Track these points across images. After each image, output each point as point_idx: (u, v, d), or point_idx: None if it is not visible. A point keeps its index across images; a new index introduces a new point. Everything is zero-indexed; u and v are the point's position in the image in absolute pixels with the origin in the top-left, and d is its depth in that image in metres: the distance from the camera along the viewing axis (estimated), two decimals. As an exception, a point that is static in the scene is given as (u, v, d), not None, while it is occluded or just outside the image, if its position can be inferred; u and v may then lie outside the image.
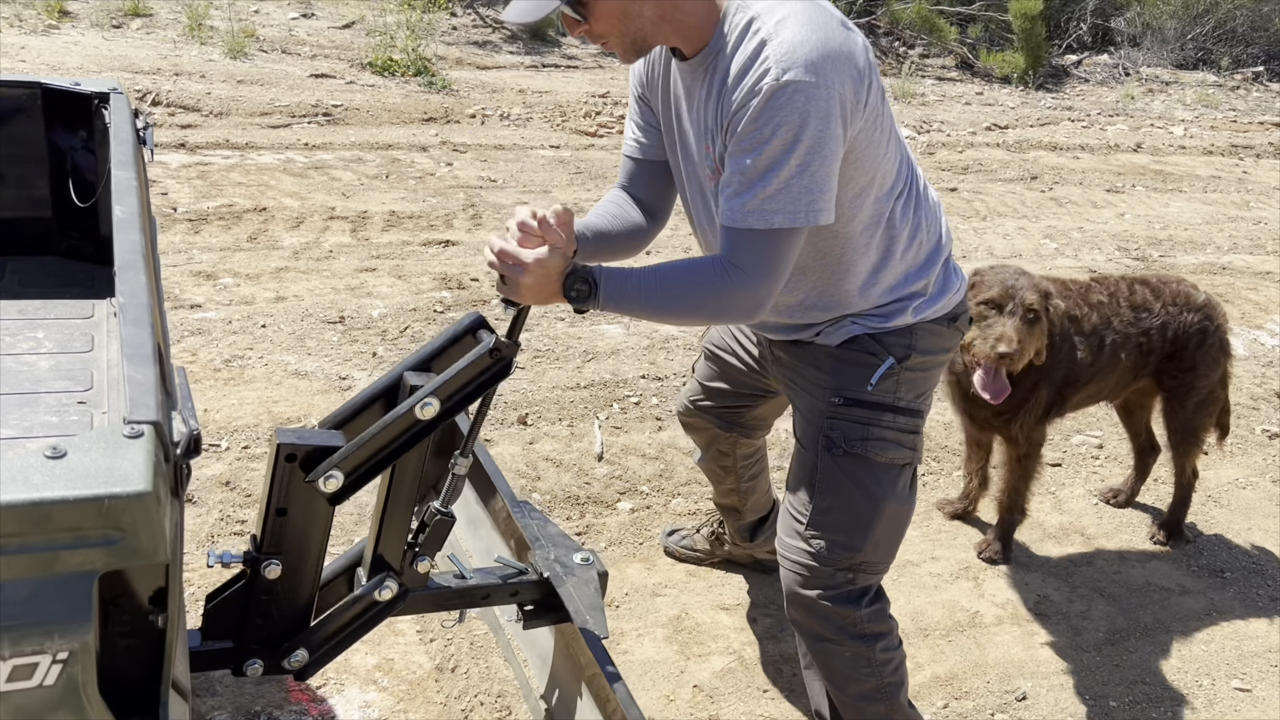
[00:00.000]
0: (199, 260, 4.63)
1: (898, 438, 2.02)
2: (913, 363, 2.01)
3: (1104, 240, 6.42)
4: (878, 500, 2.01)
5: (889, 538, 2.06)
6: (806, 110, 1.67)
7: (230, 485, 3.07)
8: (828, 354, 2.04)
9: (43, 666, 1.00)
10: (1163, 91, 11.74)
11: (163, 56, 8.00)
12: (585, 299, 1.78)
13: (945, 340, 2.08)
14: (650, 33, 1.79)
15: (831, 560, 2.04)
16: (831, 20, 1.74)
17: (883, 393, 2.00)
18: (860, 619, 2.07)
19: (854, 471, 2.01)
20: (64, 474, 1.01)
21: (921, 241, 1.99)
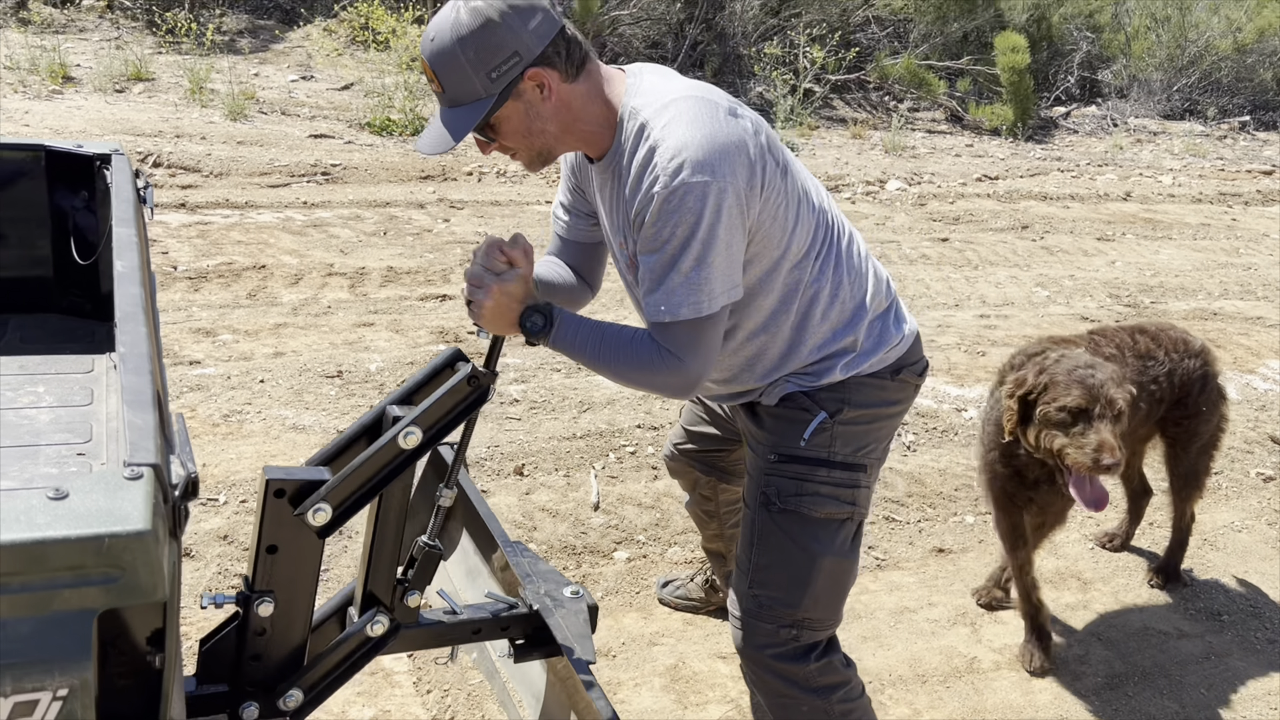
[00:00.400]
0: (198, 317, 4.68)
1: (834, 493, 2.01)
2: (847, 416, 2.01)
3: (1095, 288, 6.48)
4: (815, 556, 2.00)
5: (830, 594, 2.04)
6: (699, 209, 1.73)
7: (228, 539, 3.08)
8: (768, 412, 2.07)
9: (43, 704, 1.02)
10: (1151, 141, 11.91)
11: (164, 119, 8.13)
12: (538, 332, 1.86)
13: (888, 393, 2.06)
14: (554, 145, 1.88)
15: (773, 617, 2.04)
16: (717, 112, 1.80)
17: (816, 448, 2.00)
18: (811, 674, 2.06)
19: (790, 528, 2.01)
20: (65, 514, 1.03)
21: (844, 300, 1.99)
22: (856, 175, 8.93)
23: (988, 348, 5.28)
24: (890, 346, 2.05)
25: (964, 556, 3.45)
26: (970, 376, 4.89)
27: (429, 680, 2.60)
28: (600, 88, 1.85)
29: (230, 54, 10.14)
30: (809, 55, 10.57)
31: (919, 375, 2.12)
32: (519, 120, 1.82)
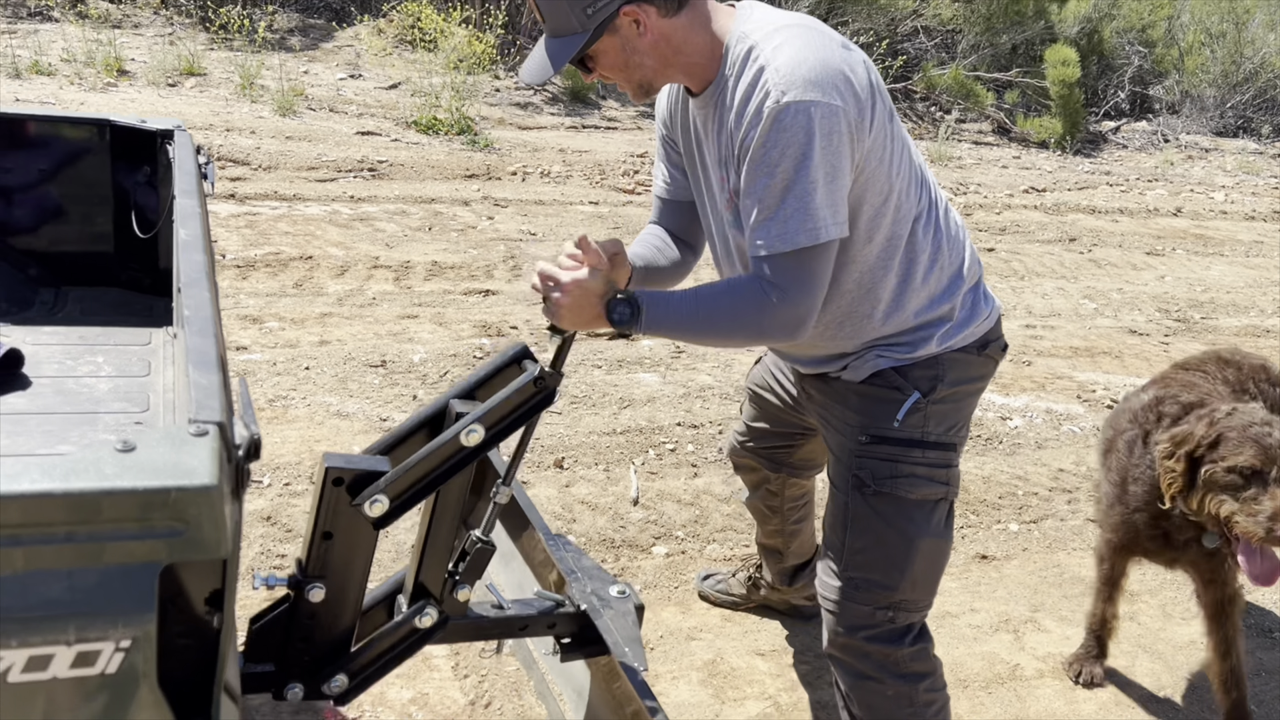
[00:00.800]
0: (246, 305, 4.73)
1: (929, 473, 2.00)
2: (940, 395, 1.99)
3: (1144, 301, 6.39)
4: (912, 538, 1.99)
5: (927, 575, 2.03)
6: (811, 129, 1.69)
7: (271, 520, 3.11)
8: (854, 390, 2.04)
9: (105, 654, 1.03)
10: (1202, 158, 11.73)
11: (215, 113, 8.25)
12: (627, 321, 1.81)
13: (975, 369, 2.04)
14: (654, 77, 1.87)
15: (869, 599, 2.03)
16: (830, 42, 1.78)
17: (910, 428, 1.98)
18: (903, 658, 2.05)
19: (885, 510, 2.00)
20: (133, 466, 1.04)
21: (943, 265, 1.97)
22: (901, 184, 8.87)
23: (1033, 357, 5.21)
24: (981, 320, 2.03)
25: (1007, 564, 3.40)
26: (1015, 386, 4.83)
27: (467, 665, 2.60)
28: (706, 19, 1.83)
29: (281, 51, 10.27)
30: (856, 63, 10.53)
31: (1002, 351, 2.10)
32: (616, 55, 1.81)
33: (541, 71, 1.81)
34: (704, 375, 4.57)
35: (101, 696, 1.03)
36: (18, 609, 0.99)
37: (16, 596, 0.99)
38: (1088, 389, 4.88)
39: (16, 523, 0.98)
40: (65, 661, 1.01)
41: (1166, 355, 5.49)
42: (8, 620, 0.98)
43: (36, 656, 1.00)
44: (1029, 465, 4.07)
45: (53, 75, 8.47)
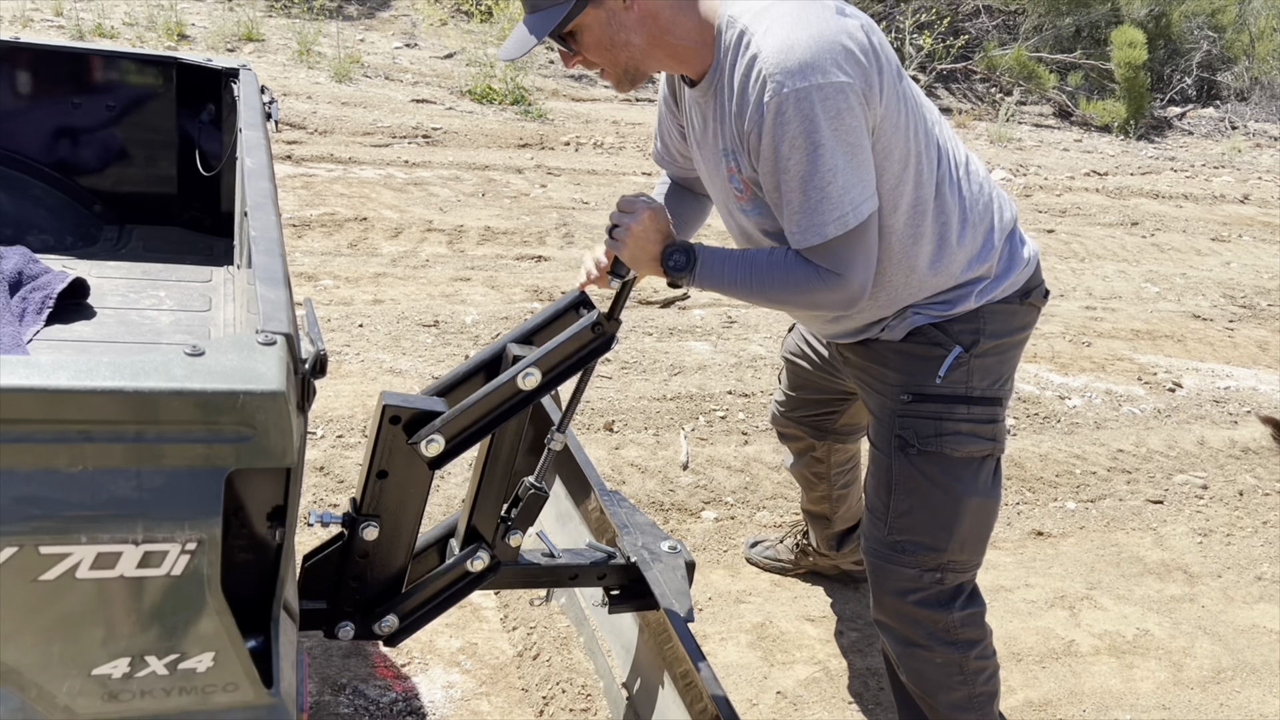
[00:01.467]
0: (301, 263, 4.76)
1: (974, 430, 1.94)
2: (983, 348, 1.93)
3: (1208, 286, 6.23)
4: (959, 497, 1.94)
5: (975, 534, 1.98)
6: (814, 116, 1.62)
7: (324, 470, 3.12)
8: (893, 350, 1.98)
9: (171, 555, 1.02)
10: (1271, 146, 11.41)
11: (272, 78, 8.30)
12: (682, 269, 1.79)
13: (1019, 319, 1.98)
14: (642, 61, 1.77)
15: (917, 561, 1.98)
16: (823, 11, 1.68)
17: (953, 384, 1.92)
18: (953, 624, 2.00)
19: (930, 470, 1.94)
20: (202, 369, 1.03)
21: (974, 223, 1.90)
22: (959, 164, 8.72)
23: (1093, 338, 5.10)
24: (1020, 269, 1.96)
25: (1064, 541, 3.33)
26: (1074, 366, 4.73)
27: (515, 617, 2.60)
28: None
29: (338, 19, 10.31)
30: (916, 42, 10.35)
31: (1044, 298, 2.03)
32: (600, 30, 1.72)
33: (520, 45, 1.72)
34: (756, 345, 4.52)
35: (167, 598, 1.03)
36: (87, 505, 0.98)
37: (86, 493, 0.99)
38: (1149, 371, 4.76)
39: (88, 418, 0.98)
40: (132, 560, 1.01)
41: (1231, 341, 5.35)
42: (78, 515, 0.98)
43: (105, 554, 1.00)
44: (1087, 445, 3.99)
45: (115, 38, 8.58)
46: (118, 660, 1.05)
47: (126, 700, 1.08)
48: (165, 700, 1.09)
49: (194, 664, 1.08)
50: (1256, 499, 3.74)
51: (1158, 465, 3.90)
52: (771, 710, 2.45)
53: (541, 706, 2.32)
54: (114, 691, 1.07)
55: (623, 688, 2.25)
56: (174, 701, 1.09)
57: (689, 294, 5.02)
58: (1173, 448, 4.06)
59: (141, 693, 1.08)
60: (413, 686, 2.34)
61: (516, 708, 2.33)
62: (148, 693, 1.08)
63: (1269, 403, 4.60)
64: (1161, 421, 4.29)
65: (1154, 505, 3.61)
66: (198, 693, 1.09)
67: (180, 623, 1.06)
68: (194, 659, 1.08)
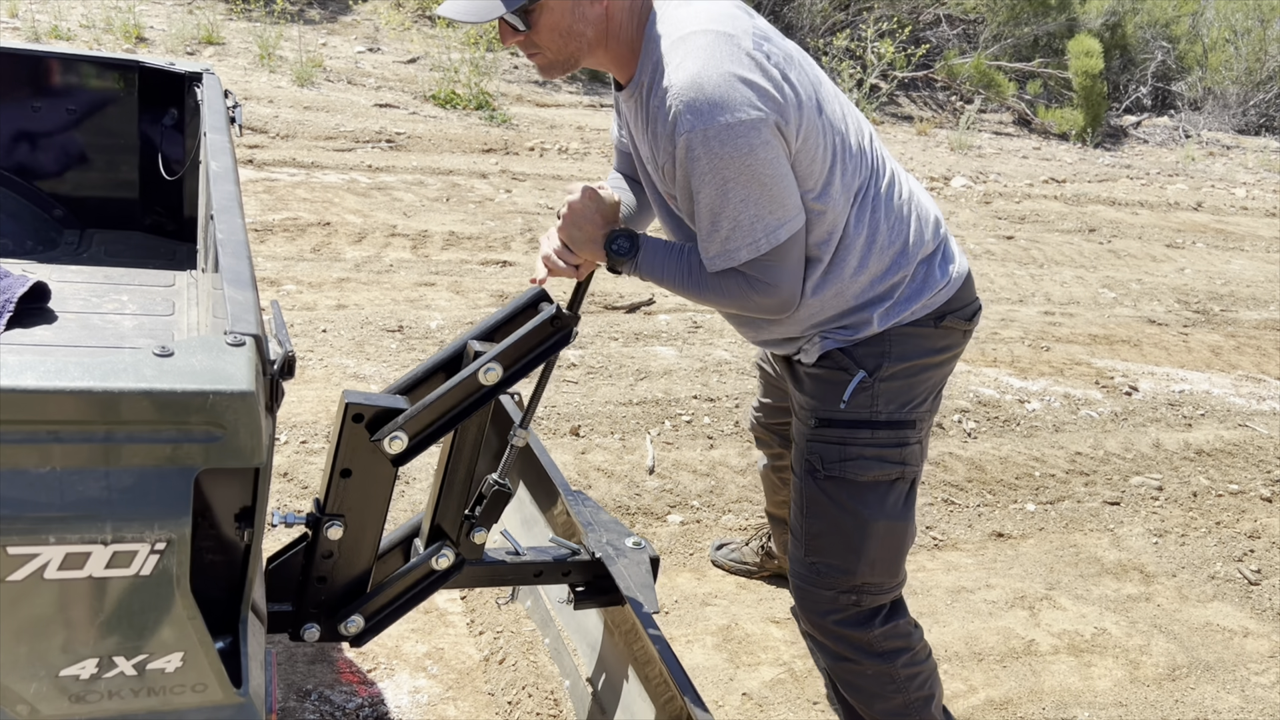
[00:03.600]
0: (264, 268, 4.72)
1: (879, 454, 1.93)
2: (888, 372, 1.91)
3: (1163, 292, 6.35)
4: (865, 522, 1.94)
5: (887, 556, 1.98)
6: (721, 153, 1.65)
7: (287, 476, 3.11)
8: (807, 373, 1.98)
9: (140, 555, 1.02)
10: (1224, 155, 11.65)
11: (233, 82, 8.23)
12: (624, 255, 1.82)
13: (931, 341, 1.94)
14: (584, 54, 1.78)
15: (831, 584, 1.99)
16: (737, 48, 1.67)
17: (857, 409, 1.91)
18: (875, 639, 2.01)
19: (837, 494, 1.95)
20: (171, 370, 1.04)
21: (881, 247, 1.87)
22: (921, 171, 8.82)
23: (1051, 343, 5.18)
24: (934, 292, 1.92)
25: (1024, 543, 3.39)
26: (1033, 370, 4.80)
27: (482, 622, 2.60)
28: (639, 6, 1.76)
29: (300, 23, 10.25)
30: (877, 50, 10.47)
31: (968, 320, 1.99)
32: (561, 16, 1.71)
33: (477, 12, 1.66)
34: (721, 350, 4.55)
35: (136, 598, 1.03)
36: (56, 506, 0.98)
37: (55, 493, 0.98)
38: (1106, 375, 4.85)
39: (56, 419, 0.98)
40: (101, 561, 1.01)
41: (1185, 345, 5.46)
42: (46, 516, 0.98)
43: (73, 554, 1.00)
44: (1046, 448, 4.05)
45: (71, 40, 8.47)
46: (86, 661, 1.05)
47: (94, 701, 1.07)
48: (133, 701, 1.08)
49: (163, 664, 1.08)
50: (1210, 500, 3.82)
51: (1115, 467, 3.97)
52: (737, 711, 2.47)
53: (508, 711, 2.32)
54: (81, 692, 1.07)
55: (588, 683, 2.26)
56: (142, 702, 1.09)
57: (653, 298, 5.04)
58: (1129, 450, 4.13)
59: (109, 693, 1.08)
60: (379, 692, 2.34)
61: (483, 712, 2.33)
62: (115, 693, 1.08)
63: (1221, 406, 4.70)
64: (1118, 425, 4.37)
65: (1111, 507, 3.68)
66: (166, 693, 1.09)
67: (149, 623, 1.06)
68: (163, 659, 1.07)
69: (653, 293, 5.13)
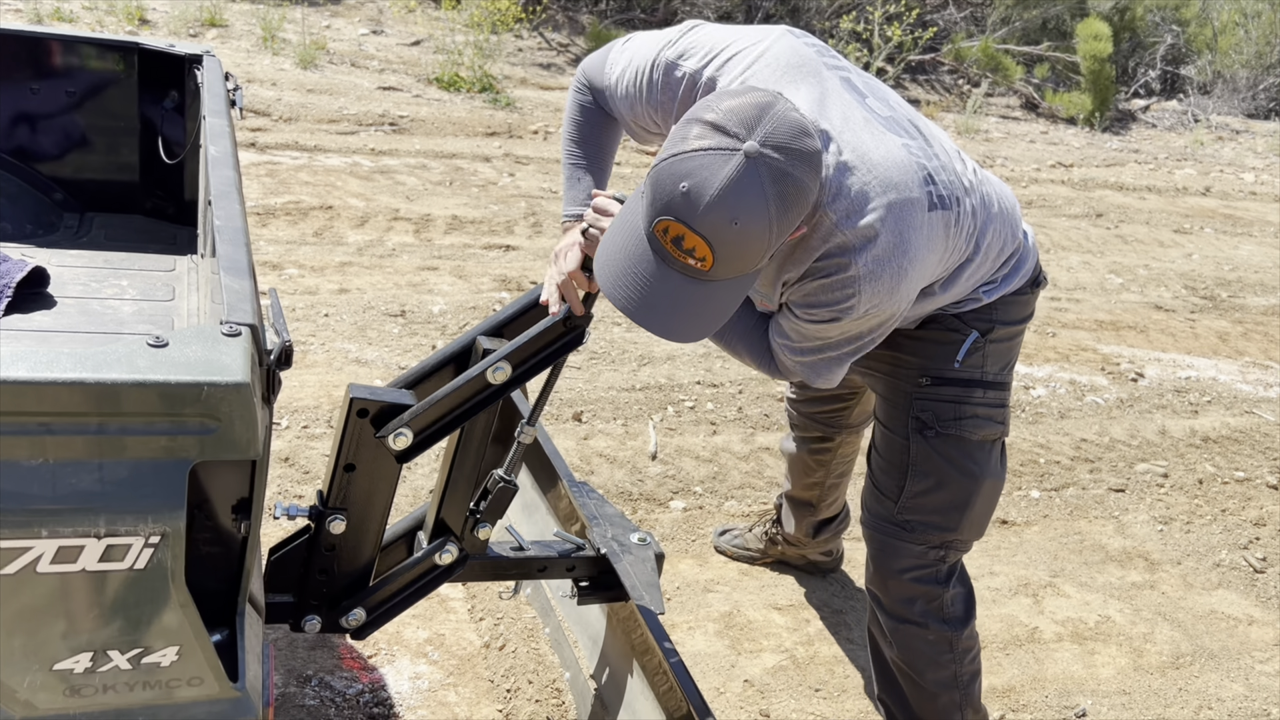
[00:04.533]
0: (265, 251, 4.71)
1: (989, 413, 1.99)
2: (997, 334, 1.98)
3: (1171, 278, 6.31)
4: (976, 478, 1.99)
5: (984, 513, 2.04)
6: (858, 317, 1.70)
7: (289, 461, 3.10)
8: (907, 336, 2.00)
9: (135, 549, 1.01)
10: (1233, 139, 11.57)
11: (236, 64, 8.19)
12: None
13: (1027, 307, 2.04)
14: None
15: (924, 539, 2.03)
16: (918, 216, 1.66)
17: (970, 368, 1.96)
18: (947, 601, 2.06)
19: (949, 452, 1.98)
20: (165, 361, 1.02)
21: (994, 257, 1.93)
22: (926, 155, 8.76)
23: (1058, 329, 5.16)
24: (1029, 265, 2.01)
25: (1028, 530, 3.37)
26: (1039, 356, 4.78)
27: (483, 608, 2.59)
28: None
29: (303, 4, 10.19)
30: (884, 33, 10.39)
31: (1043, 285, 2.09)
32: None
33: (698, 328, 1.61)
34: (724, 335, 4.53)
35: (130, 592, 1.02)
36: (49, 498, 0.97)
37: (47, 486, 0.97)
38: (1112, 362, 4.83)
39: (49, 411, 0.96)
40: (95, 554, 1.00)
41: (1192, 332, 5.43)
42: (39, 509, 0.97)
43: (66, 547, 0.98)
44: (1051, 434, 4.04)
45: (74, 21, 8.43)
46: (80, 655, 1.04)
47: (89, 695, 1.06)
48: (129, 695, 1.07)
49: (158, 658, 1.07)
50: (1215, 487, 3.80)
51: (1120, 454, 3.95)
52: (739, 698, 2.47)
53: (508, 698, 2.32)
54: (76, 686, 1.06)
55: (590, 679, 2.25)
56: (138, 696, 1.08)
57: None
58: (1135, 437, 4.11)
59: (104, 687, 1.07)
60: (380, 678, 2.33)
61: (484, 698, 2.33)
62: (110, 687, 1.07)
63: (1228, 393, 4.68)
64: (1124, 411, 4.35)
65: (1116, 494, 3.66)
66: (162, 687, 1.08)
67: (144, 617, 1.05)
68: (158, 653, 1.07)
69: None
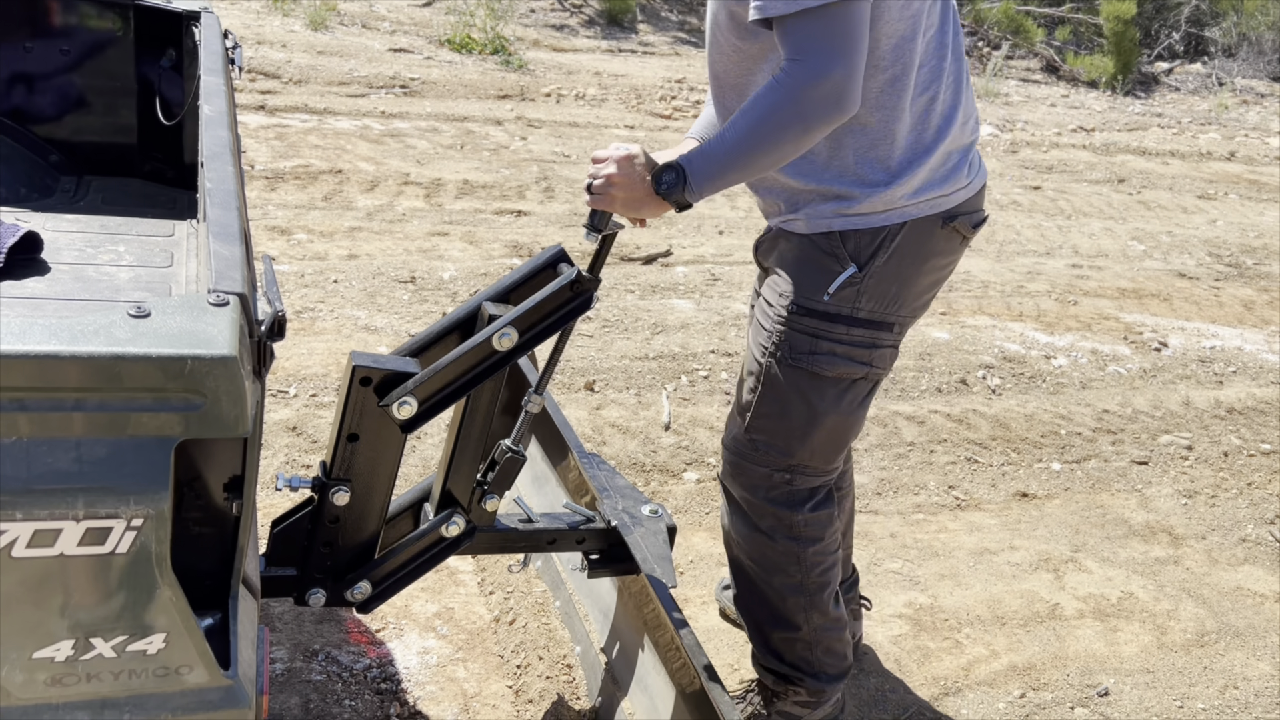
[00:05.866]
0: (274, 216, 4.64)
1: (849, 353, 1.88)
2: (879, 267, 1.84)
3: (1194, 245, 6.19)
4: (819, 414, 1.92)
5: (827, 446, 1.97)
6: None
7: (296, 430, 3.05)
8: (792, 249, 1.90)
9: (116, 532, 0.95)
10: (1258, 103, 11.35)
11: (245, 26, 8.09)
12: (675, 186, 1.71)
13: (934, 242, 1.88)
14: None
15: (767, 461, 1.99)
16: None
17: (839, 302, 1.86)
18: (797, 523, 2.01)
19: (797, 382, 1.91)
20: (147, 332, 0.96)
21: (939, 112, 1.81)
22: (945, 119, 8.62)
23: (1079, 297, 5.06)
24: (958, 186, 1.87)
25: (1049, 503, 3.30)
26: (1060, 325, 4.69)
27: (493, 582, 2.55)
28: None
29: (314, -36, 10.05)
30: (903, -7, 10.19)
31: (974, 227, 1.94)
32: None
33: None
34: (739, 304, 4.45)
35: (112, 577, 0.96)
36: (22, 478, 0.91)
37: (21, 465, 0.91)
38: (1135, 331, 4.73)
39: (21, 386, 0.90)
40: (73, 537, 0.94)
41: (1217, 300, 5.32)
42: (11, 490, 0.91)
43: (42, 530, 0.93)
44: (1073, 405, 3.96)
45: (83, -18, 8.33)
46: (61, 643, 0.99)
47: (72, 684, 1.01)
48: (114, 684, 1.02)
49: (144, 646, 1.01)
50: (1241, 460, 3.72)
51: (1143, 426, 3.87)
52: (751, 674, 2.41)
53: (518, 674, 2.27)
54: (58, 675, 1.01)
55: (601, 652, 2.21)
56: (123, 685, 1.03)
57: (671, 250, 4.93)
58: (1158, 408, 4.03)
59: (88, 676, 1.01)
60: (387, 652, 2.29)
61: (493, 673, 2.28)
62: (95, 676, 1.02)
63: (1254, 363, 4.58)
64: (1147, 381, 4.26)
65: (1139, 466, 3.59)
66: (149, 675, 1.03)
67: (128, 603, 0.99)
68: (144, 640, 1.01)
69: (670, 243, 5.02)
